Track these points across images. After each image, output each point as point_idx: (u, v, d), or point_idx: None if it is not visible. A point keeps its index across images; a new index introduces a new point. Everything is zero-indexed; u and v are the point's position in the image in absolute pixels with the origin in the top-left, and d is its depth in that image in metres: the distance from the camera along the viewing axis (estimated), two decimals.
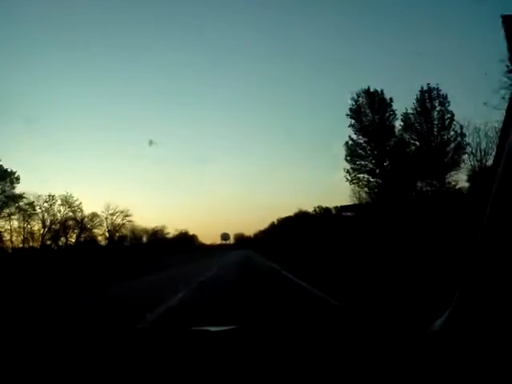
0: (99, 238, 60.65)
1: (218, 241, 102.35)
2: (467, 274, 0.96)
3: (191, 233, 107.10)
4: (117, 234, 66.76)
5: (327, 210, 62.25)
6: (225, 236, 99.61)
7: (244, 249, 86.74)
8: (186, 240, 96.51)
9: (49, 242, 48.67)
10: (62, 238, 50.61)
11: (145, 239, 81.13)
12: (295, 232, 55.44)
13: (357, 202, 32.47)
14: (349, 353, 1.20)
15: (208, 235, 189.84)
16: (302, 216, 67.81)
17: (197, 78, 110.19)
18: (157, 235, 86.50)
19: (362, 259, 15.92)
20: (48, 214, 47.89)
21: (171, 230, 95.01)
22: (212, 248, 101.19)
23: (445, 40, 53.46)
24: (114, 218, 64.62)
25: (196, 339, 1.50)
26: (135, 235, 75.66)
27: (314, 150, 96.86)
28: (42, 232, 47.50)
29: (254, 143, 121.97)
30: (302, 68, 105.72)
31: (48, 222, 48.01)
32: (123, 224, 66.49)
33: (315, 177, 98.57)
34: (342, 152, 31.51)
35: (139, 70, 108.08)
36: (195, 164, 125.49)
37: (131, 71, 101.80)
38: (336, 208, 65.89)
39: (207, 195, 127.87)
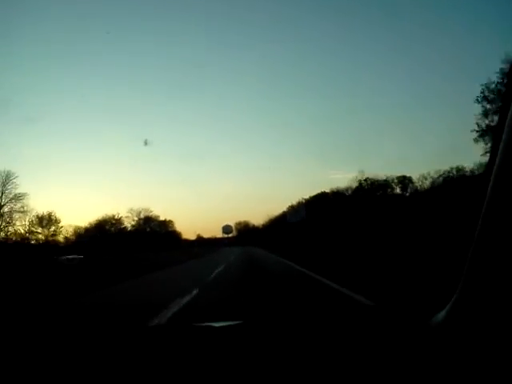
0: None
1: (220, 234, 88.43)
2: (470, 263, 0.95)
3: (162, 217, 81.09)
4: None
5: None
6: (227, 229, 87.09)
7: (246, 245, 66.01)
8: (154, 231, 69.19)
9: None
10: None
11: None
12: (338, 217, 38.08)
13: None
14: (350, 347, 1.19)
15: (211, 228, 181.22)
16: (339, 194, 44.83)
17: (195, 74, 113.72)
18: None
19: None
20: None
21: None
22: (199, 244, 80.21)
23: None
24: None
25: (199, 335, 1.44)
26: None
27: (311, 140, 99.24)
28: None
29: (254, 134, 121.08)
30: (296, 68, 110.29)
31: None
32: None
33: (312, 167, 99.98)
34: (336, 146, 30.23)
35: (137, 68, 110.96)
36: (193, 160, 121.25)
37: (128, 70, 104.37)
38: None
39: (209, 188, 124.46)
